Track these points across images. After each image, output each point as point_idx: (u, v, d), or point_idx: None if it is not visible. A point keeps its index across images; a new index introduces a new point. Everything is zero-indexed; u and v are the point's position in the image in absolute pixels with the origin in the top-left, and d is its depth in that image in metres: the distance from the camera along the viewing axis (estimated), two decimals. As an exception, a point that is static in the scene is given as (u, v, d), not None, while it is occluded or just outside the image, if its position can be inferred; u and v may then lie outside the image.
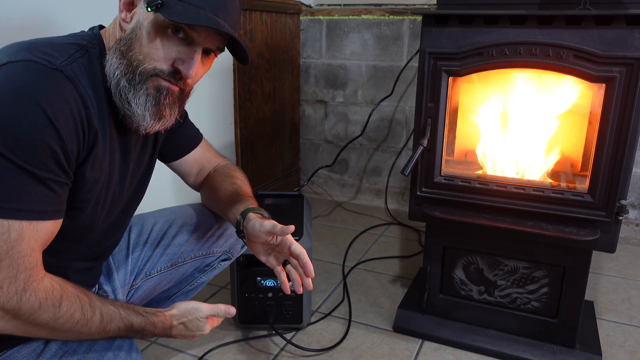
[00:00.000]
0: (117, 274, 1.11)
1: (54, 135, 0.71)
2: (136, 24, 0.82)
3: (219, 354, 1.40)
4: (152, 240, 1.16)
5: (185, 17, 0.77)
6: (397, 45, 2.37)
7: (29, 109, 0.69)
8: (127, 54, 0.81)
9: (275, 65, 2.36)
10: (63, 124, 0.72)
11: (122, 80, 0.81)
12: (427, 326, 1.48)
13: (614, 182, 1.18)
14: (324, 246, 2.10)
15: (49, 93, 0.72)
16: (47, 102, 0.71)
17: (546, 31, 1.17)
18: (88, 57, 0.82)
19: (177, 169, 1.18)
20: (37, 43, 0.78)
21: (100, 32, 0.88)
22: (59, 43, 0.80)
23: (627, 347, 1.45)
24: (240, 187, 1.13)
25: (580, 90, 1.27)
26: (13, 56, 0.73)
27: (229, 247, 1.23)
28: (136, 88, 0.82)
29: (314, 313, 1.61)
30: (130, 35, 0.82)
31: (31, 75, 0.72)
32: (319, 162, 2.68)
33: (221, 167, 1.20)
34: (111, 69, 0.82)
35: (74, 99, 0.75)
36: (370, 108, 2.47)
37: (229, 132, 2.14)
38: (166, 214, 1.21)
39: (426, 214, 1.37)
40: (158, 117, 0.85)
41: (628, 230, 2.16)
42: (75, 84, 0.76)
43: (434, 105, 1.31)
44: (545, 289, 1.37)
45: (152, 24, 0.81)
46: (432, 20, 1.27)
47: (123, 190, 0.96)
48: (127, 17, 0.84)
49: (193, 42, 0.83)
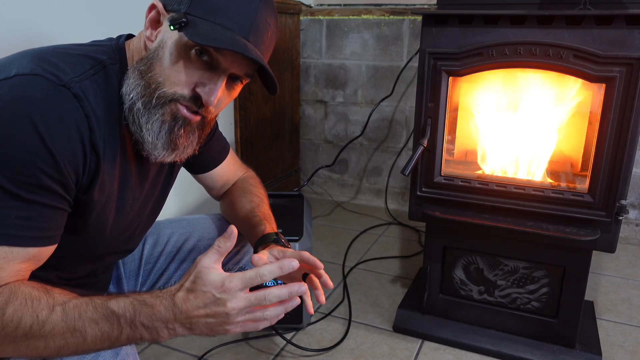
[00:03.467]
0: (127, 283, 1.08)
1: (48, 158, 0.66)
2: (159, 43, 0.76)
3: (219, 354, 1.40)
4: (167, 253, 1.13)
5: (209, 38, 0.70)
6: (397, 45, 2.37)
7: (23, 130, 0.65)
8: (146, 75, 0.75)
9: (275, 65, 2.36)
10: (60, 147, 0.67)
11: (137, 102, 0.75)
12: (427, 326, 1.48)
13: (614, 182, 1.18)
14: (324, 246, 2.10)
15: (49, 113, 0.67)
16: (44, 123, 0.66)
17: (546, 31, 1.17)
18: (104, 74, 0.76)
19: (202, 182, 1.13)
20: (51, 53, 0.73)
21: (125, 43, 0.82)
22: (75, 55, 0.75)
23: (627, 347, 1.45)
24: (257, 205, 1.07)
25: (580, 90, 1.27)
26: (21, 68, 0.69)
27: (245, 264, 1.18)
28: (151, 112, 0.75)
29: (314, 313, 1.61)
30: (152, 55, 0.76)
31: (34, 92, 0.67)
32: (319, 162, 2.68)
33: (242, 180, 1.16)
34: (127, 90, 0.75)
35: (76, 119, 0.70)
36: (370, 108, 2.47)
37: (229, 132, 2.14)
38: (183, 226, 1.16)
39: (426, 214, 1.37)
40: (172, 148, 0.78)
41: (628, 230, 2.16)
42: (82, 102, 0.70)
43: (434, 105, 1.31)
44: (545, 289, 1.37)
45: (176, 45, 0.74)
46: (432, 20, 1.27)
47: (136, 213, 0.91)
48: (152, 36, 0.77)
49: (218, 66, 0.75)
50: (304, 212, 1.58)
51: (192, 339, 1.46)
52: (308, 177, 2.65)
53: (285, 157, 2.60)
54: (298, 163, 2.74)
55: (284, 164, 2.60)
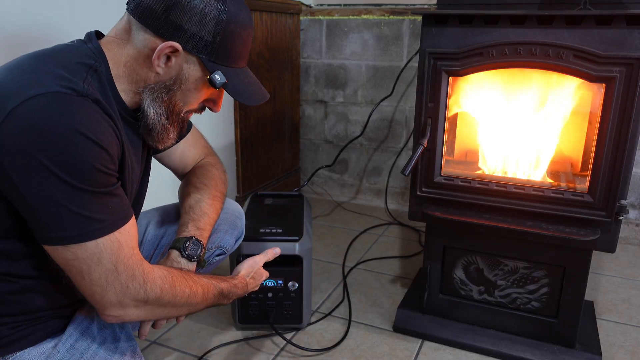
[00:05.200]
0: None
1: (105, 155, 0.77)
2: (179, 75, 0.87)
3: (219, 354, 1.40)
4: (147, 243, 1.18)
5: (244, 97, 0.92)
6: (397, 45, 2.37)
7: (79, 142, 0.74)
8: (169, 101, 0.90)
9: (275, 65, 2.36)
10: (107, 143, 0.78)
11: (166, 123, 0.92)
12: (427, 326, 1.48)
13: (614, 182, 1.18)
14: (324, 246, 2.10)
15: (87, 120, 0.75)
16: (90, 129, 0.75)
17: (546, 31, 1.17)
18: (97, 77, 0.83)
19: (164, 163, 1.18)
20: (48, 62, 0.79)
21: (100, 42, 0.87)
22: (68, 63, 0.80)
23: (627, 347, 1.45)
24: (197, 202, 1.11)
25: (580, 90, 1.27)
26: (34, 88, 0.73)
27: (221, 242, 1.21)
28: (173, 125, 0.93)
29: (314, 313, 1.61)
30: (172, 84, 0.88)
31: (65, 108, 0.74)
32: (319, 162, 2.68)
33: (199, 166, 1.19)
34: (156, 117, 0.89)
35: (105, 118, 0.79)
36: (370, 108, 2.47)
37: (229, 132, 2.14)
38: (158, 214, 1.22)
39: (426, 214, 1.37)
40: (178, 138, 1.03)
41: (628, 230, 2.16)
42: (101, 105, 0.79)
43: (434, 105, 1.31)
44: (545, 289, 1.37)
45: (200, 80, 0.89)
46: (432, 20, 1.27)
47: (136, 197, 1.00)
48: (162, 63, 0.86)
49: None
50: (304, 212, 1.58)
51: (192, 339, 1.46)
52: (308, 177, 2.65)
53: (285, 157, 2.60)
54: (298, 163, 2.74)
55: (284, 164, 2.60)
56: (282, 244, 1.37)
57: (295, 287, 1.45)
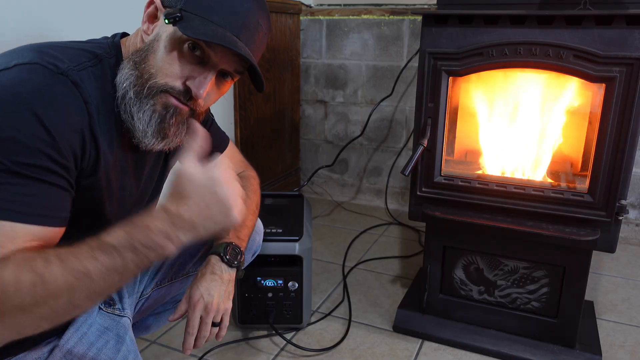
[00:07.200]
0: None
1: (46, 137, 0.68)
2: (155, 36, 0.79)
3: (219, 354, 1.40)
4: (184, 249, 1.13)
5: (200, 33, 0.74)
6: (397, 45, 2.37)
7: (24, 114, 0.67)
8: (140, 66, 0.78)
9: (275, 65, 2.36)
10: (59, 129, 0.69)
11: (129, 91, 0.78)
12: (427, 326, 1.48)
13: (614, 182, 1.18)
14: (324, 246, 2.10)
15: (48, 98, 0.69)
16: (43, 107, 0.68)
17: (546, 31, 1.17)
18: (101, 67, 0.79)
19: None
20: (49, 46, 0.76)
21: (121, 40, 0.85)
22: (72, 48, 0.78)
23: (627, 347, 1.45)
24: None
25: (580, 90, 1.27)
26: (20, 59, 0.71)
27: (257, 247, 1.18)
28: (142, 102, 0.78)
29: (314, 313, 1.61)
30: (147, 47, 0.79)
31: (33, 79, 0.69)
32: (319, 162, 2.68)
33: (242, 178, 1.14)
34: (121, 79, 0.78)
35: (75, 104, 0.72)
36: (370, 108, 2.47)
37: (229, 132, 2.12)
38: None
39: (426, 214, 1.37)
40: (161, 137, 0.80)
41: (628, 230, 2.16)
42: (80, 89, 0.73)
43: (434, 105, 1.31)
44: (545, 289, 1.37)
45: (170, 38, 0.78)
46: (432, 20, 1.27)
47: (136, 202, 0.93)
48: (149, 30, 0.81)
49: (209, 61, 0.79)
50: (304, 212, 1.58)
51: (192, 339, 1.46)
52: (308, 177, 2.65)
53: (285, 157, 2.60)
54: (298, 163, 2.74)
55: (284, 163, 2.60)
56: (282, 244, 1.37)
57: (295, 287, 1.45)
